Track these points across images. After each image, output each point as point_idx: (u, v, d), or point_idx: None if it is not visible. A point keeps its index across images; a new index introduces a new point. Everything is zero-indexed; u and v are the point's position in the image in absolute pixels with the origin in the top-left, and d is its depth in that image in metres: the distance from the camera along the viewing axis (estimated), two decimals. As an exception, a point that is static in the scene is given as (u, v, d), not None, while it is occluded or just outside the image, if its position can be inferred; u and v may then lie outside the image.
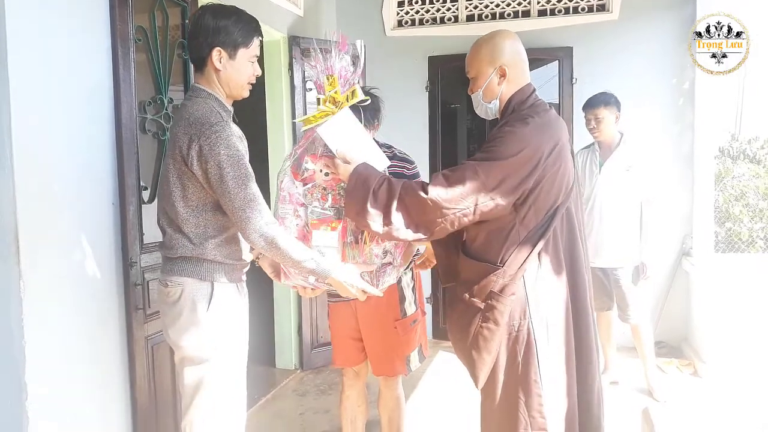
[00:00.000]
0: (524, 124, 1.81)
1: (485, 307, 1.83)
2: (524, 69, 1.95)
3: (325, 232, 1.85)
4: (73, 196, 2.19)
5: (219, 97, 1.90)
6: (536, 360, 1.81)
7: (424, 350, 2.56)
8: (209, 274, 1.87)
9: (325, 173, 1.86)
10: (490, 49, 1.93)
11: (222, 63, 1.86)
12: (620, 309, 3.64)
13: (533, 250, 1.81)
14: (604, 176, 3.58)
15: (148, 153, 2.61)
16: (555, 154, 1.80)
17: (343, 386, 2.62)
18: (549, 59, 4.53)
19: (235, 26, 1.85)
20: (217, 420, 1.90)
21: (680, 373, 4.01)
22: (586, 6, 4.50)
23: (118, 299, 2.41)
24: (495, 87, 1.93)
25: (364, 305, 2.35)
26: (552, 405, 1.81)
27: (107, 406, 2.38)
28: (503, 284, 1.81)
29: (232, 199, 1.75)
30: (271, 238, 1.76)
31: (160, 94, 2.65)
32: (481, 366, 1.87)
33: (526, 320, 1.82)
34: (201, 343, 1.86)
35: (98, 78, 2.32)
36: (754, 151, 5.45)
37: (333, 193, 1.86)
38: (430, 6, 4.77)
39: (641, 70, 4.38)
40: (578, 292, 1.90)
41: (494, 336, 1.82)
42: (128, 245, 2.42)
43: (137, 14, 2.49)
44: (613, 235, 3.55)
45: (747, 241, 4.75)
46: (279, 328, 4.30)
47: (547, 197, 1.81)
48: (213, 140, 1.74)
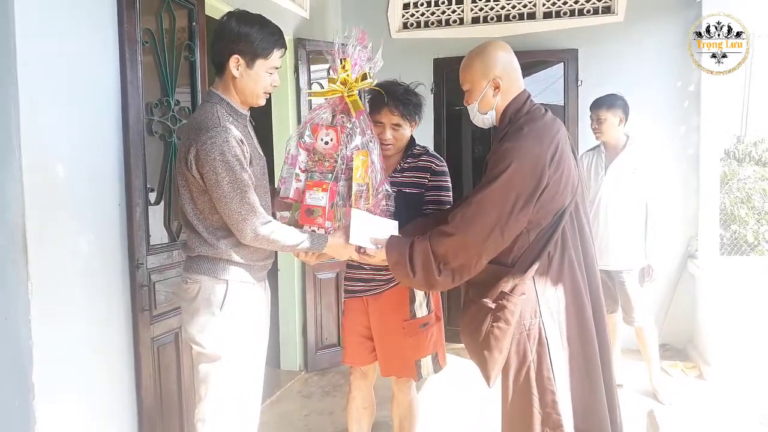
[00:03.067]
0: (522, 136, 1.85)
1: (496, 307, 1.87)
2: (517, 77, 1.98)
3: (316, 192, 2.01)
4: (80, 198, 2.20)
5: (231, 102, 1.93)
6: (548, 357, 1.84)
7: (440, 359, 2.47)
8: (224, 272, 1.91)
9: (324, 142, 2.04)
10: (482, 61, 1.96)
11: (239, 71, 1.89)
12: (625, 312, 3.64)
13: (543, 251, 1.85)
14: (610, 178, 3.57)
15: (155, 155, 2.62)
16: (558, 158, 1.82)
17: (350, 387, 2.62)
18: (554, 61, 4.54)
19: (257, 36, 1.86)
20: (228, 416, 1.94)
21: (685, 376, 4.01)
22: (591, 8, 4.50)
23: (124, 300, 2.42)
24: (490, 99, 1.96)
25: (375, 302, 2.43)
26: (566, 402, 1.83)
27: (113, 407, 2.38)
28: (513, 284, 1.85)
29: (227, 203, 1.81)
30: (265, 237, 1.86)
31: (167, 96, 2.66)
32: (492, 365, 1.90)
33: (537, 319, 1.86)
34: (215, 340, 1.91)
35: (105, 80, 2.33)
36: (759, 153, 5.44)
37: (329, 160, 2.04)
38: (435, 8, 4.78)
39: (646, 72, 4.37)
40: (593, 291, 1.93)
41: (505, 335, 1.86)
42: (135, 246, 2.43)
43: (144, 16, 2.50)
44: (618, 237, 3.54)
45: (752, 243, 4.74)
46: (284, 330, 4.30)
47: (554, 199, 1.84)
48: (209, 145, 1.77)
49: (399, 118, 2.30)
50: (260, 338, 2.07)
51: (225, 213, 1.83)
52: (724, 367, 3.88)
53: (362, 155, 2.03)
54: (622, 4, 4.40)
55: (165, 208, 2.69)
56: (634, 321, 3.59)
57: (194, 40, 2.84)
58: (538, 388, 1.85)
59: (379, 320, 2.44)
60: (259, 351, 2.07)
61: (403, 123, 2.32)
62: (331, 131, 2.05)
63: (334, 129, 2.05)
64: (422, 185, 2.37)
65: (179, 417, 2.73)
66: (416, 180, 2.38)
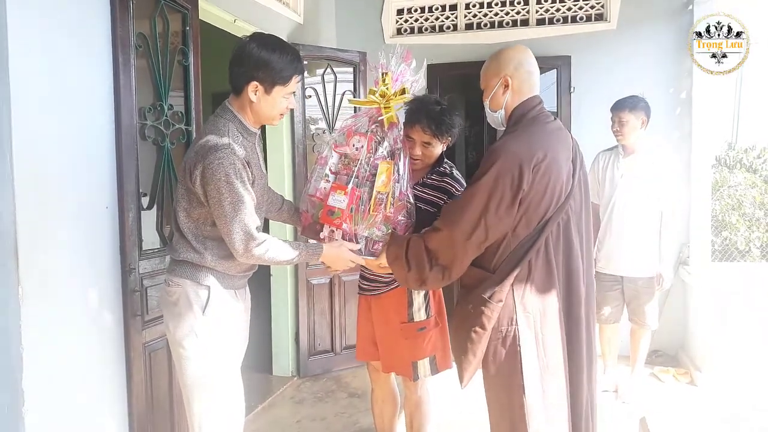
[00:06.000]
0: (513, 137, 1.88)
1: (475, 312, 1.90)
2: (530, 81, 1.99)
3: (339, 195, 2.09)
4: (72, 203, 2.19)
5: (243, 120, 1.98)
6: (520, 366, 1.85)
7: (438, 362, 2.49)
8: (206, 279, 1.97)
9: (355, 148, 2.13)
10: (496, 60, 2.00)
11: (257, 96, 1.92)
12: (636, 315, 3.61)
13: (522, 260, 1.86)
14: (628, 183, 3.50)
15: (148, 159, 2.61)
16: (544, 168, 1.82)
17: (371, 382, 2.75)
18: (547, 68, 4.55)
19: (278, 63, 1.89)
20: (217, 413, 2.00)
21: (677, 382, 4.01)
22: (584, 15, 4.52)
23: (116, 305, 2.40)
24: (499, 97, 1.99)
25: (376, 302, 2.52)
26: (536, 411, 1.84)
27: (104, 413, 2.37)
28: (492, 291, 1.87)
29: (226, 222, 1.86)
30: (260, 256, 1.91)
31: (160, 101, 2.65)
32: (465, 367, 1.95)
33: (513, 327, 1.87)
34: (198, 343, 1.96)
35: (98, 83, 2.32)
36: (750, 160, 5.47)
37: (356, 165, 2.11)
38: (429, 14, 4.78)
39: (639, 80, 4.38)
40: (572, 305, 1.93)
41: (480, 340, 1.89)
42: (127, 251, 2.41)
43: (138, 20, 2.49)
44: (633, 243, 3.50)
45: (743, 250, 4.77)
46: (276, 336, 4.29)
47: (537, 209, 1.85)
48: (215, 165, 1.81)
49: (430, 137, 2.31)
50: (241, 344, 2.14)
51: (224, 231, 1.89)
52: (716, 374, 3.90)
53: (387, 164, 2.10)
54: (614, 12, 4.43)
55: (158, 213, 2.68)
56: (646, 324, 3.59)
57: (188, 45, 2.83)
58: (511, 395, 1.87)
59: (380, 320, 2.52)
60: (239, 356, 2.14)
61: (433, 141, 2.33)
62: (362, 138, 2.14)
63: (366, 137, 2.13)
64: (438, 206, 2.38)
65: (170, 423, 2.71)
66: (434, 199, 2.40)
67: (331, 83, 4.25)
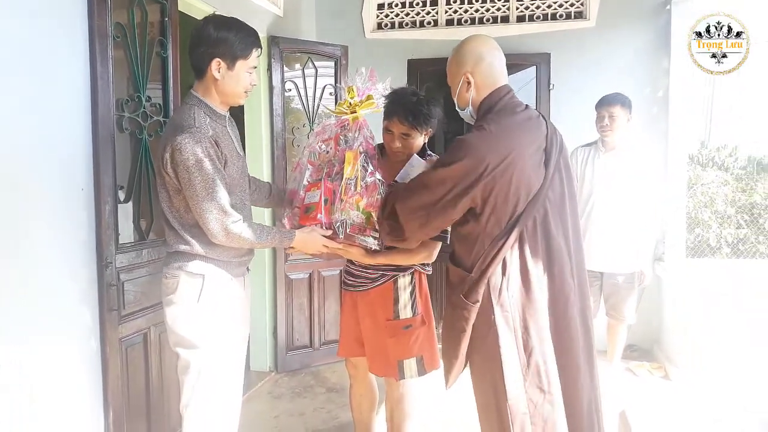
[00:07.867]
0: (477, 132, 1.84)
1: (455, 313, 1.88)
2: (493, 74, 1.93)
3: (313, 192, 2.18)
4: (47, 195, 2.15)
5: (210, 103, 2.01)
6: (501, 368, 1.79)
7: (426, 362, 2.44)
8: (200, 268, 1.99)
9: (325, 151, 2.25)
10: (456, 58, 1.97)
11: (221, 73, 1.96)
12: (615, 310, 3.62)
13: (495, 259, 1.81)
14: (609, 178, 3.49)
15: (125, 151, 2.57)
16: (506, 164, 1.76)
17: (350, 377, 2.73)
18: (527, 65, 4.58)
19: (236, 38, 1.94)
20: (211, 402, 2.03)
21: (651, 375, 4.08)
22: (564, 13, 4.56)
23: (92, 300, 2.36)
24: (464, 94, 1.96)
25: (362, 299, 2.49)
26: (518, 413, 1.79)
27: (80, 409, 2.33)
28: (468, 291, 1.84)
29: (198, 202, 1.87)
30: (236, 235, 1.93)
31: (138, 92, 2.61)
32: (449, 368, 1.95)
33: (492, 328, 1.81)
34: (193, 331, 1.99)
35: (75, 75, 2.27)
36: (722, 158, 5.58)
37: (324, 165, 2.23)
38: (410, 9, 4.78)
39: (617, 78, 4.43)
40: (558, 301, 1.84)
41: (461, 341, 1.87)
42: (103, 245, 2.37)
43: (116, 10, 2.45)
44: (612, 239, 3.49)
45: (715, 247, 4.86)
46: (254, 330, 4.22)
47: (504, 206, 1.80)
48: (183, 145, 1.84)
49: (408, 129, 2.30)
50: (239, 331, 2.17)
51: (196, 212, 1.90)
52: (689, 367, 3.97)
53: (352, 153, 2.15)
54: (594, 10, 4.47)
55: (135, 207, 2.63)
56: (626, 319, 3.61)
57: (166, 36, 2.79)
58: (496, 399, 1.82)
59: (366, 317, 2.50)
60: (238, 343, 2.17)
61: (412, 133, 2.31)
62: (330, 142, 2.26)
63: (333, 138, 2.25)
64: None
65: (147, 418, 2.68)
66: None
67: (312, 77, 4.23)
